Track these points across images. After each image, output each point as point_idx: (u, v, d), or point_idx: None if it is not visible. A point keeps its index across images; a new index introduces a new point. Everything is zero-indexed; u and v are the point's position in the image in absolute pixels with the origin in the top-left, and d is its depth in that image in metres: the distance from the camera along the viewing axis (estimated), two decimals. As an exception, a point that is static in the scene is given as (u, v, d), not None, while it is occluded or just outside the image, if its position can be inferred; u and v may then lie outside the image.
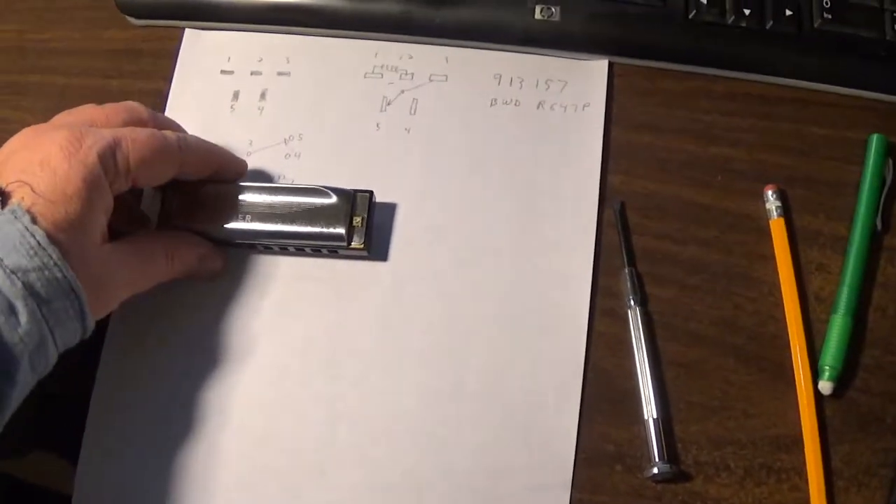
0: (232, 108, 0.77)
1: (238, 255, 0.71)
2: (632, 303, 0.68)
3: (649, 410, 0.65)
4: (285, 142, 0.75)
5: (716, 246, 0.71)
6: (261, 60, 0.78)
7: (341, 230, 0.67)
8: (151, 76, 0.78)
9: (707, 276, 0.70)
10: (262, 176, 0.73)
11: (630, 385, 0.66)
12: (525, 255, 0.70)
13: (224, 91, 0.77)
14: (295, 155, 0.75)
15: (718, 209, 0.72)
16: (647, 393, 0.66)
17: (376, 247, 0.70)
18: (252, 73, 0.78)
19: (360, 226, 0.67)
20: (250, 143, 0.75)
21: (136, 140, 0.59)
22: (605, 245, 0.71)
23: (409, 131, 0.75)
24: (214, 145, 0.69)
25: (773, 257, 0.69)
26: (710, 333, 0.68)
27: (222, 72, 0.78)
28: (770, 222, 0.70)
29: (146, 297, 0.64)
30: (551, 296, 0.69)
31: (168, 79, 0.77)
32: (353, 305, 0.69)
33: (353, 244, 0.67)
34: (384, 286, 0.70)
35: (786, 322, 0.67)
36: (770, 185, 0.71)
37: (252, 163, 0.73)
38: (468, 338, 0.68)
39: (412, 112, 0.76)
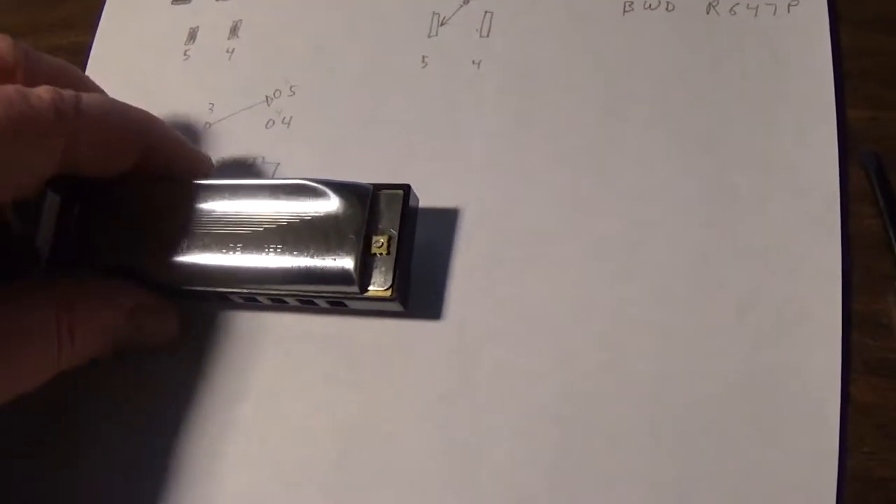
0: (185, 54, 0.52)
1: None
2: None
3: None
4: (267, 101, 0.48)
5: None
6: (234, -23, 0.53)
7: (346, 264, 0.39)
8: (74, 24, 0.57)
9: None
10: (226, 166, 0.47)
11: None
12: (714, 281, 0.41)
13: (175, 29, 0.53)
14: (283, 121, 0.48)
15: None
16: None
17: (419, 295, 0.42)
18: None
19: (386, 252, 0.39)
20: (210, 109, 0.49)
21: None
22: (856, 237, 0.41)
23: (479, 66, 0.46)
24: (145, 115, 0.43)
25: None
26: None
27: (174, 1, 0.54)
28: None
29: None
30: (763, 361, 0.39)
31: (96, 25, 0.56)
32: (380, 397, 0.42)
33: (373, 289, 0.39)
34: (435, 368, 0.41)
35: None
36: None
37: (212, 138, 0.48)
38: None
39: (483, 33, 0.47)
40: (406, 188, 0.40)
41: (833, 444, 0.36)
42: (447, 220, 0.43)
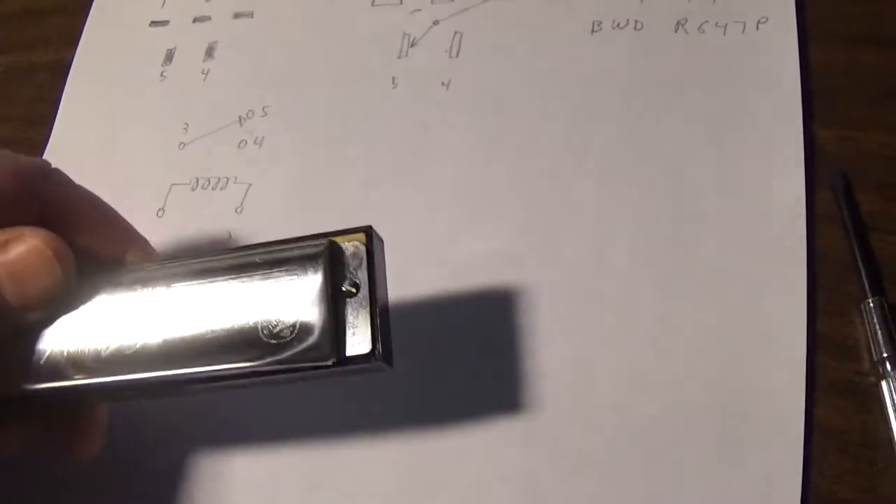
0: (162, 75, 0.52)
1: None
2: (887, 367, 0.37)
3: None
4: (240, 121, 0.48)
5: None
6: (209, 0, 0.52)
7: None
8: (52, 42, 0.56)
9: None
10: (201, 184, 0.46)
11: None
12: (677, 303, 0.39)
13: (153, 51, 0.53)
14: (255, 141, 0.47)
15: None
16: None
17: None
18: (195, 21, 0.53)
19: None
20: (185, 129, 0.49)
21: None
22: (822, 257, 0.40)
23: (448, 87, 0.45)
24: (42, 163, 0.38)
25: None
26: None
27: (153, 23, 0.54)
28: None
29: None
30: (726, 383, 0.38)
31: (74, 43, 0.55)
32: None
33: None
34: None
35: None
36: None
37: (187, 157, 0.47)
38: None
39: (453, 54, 0.47)
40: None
41: (797, 466, 0.36)
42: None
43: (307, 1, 0.50)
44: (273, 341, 0.32)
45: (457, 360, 0.39)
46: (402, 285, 0.39)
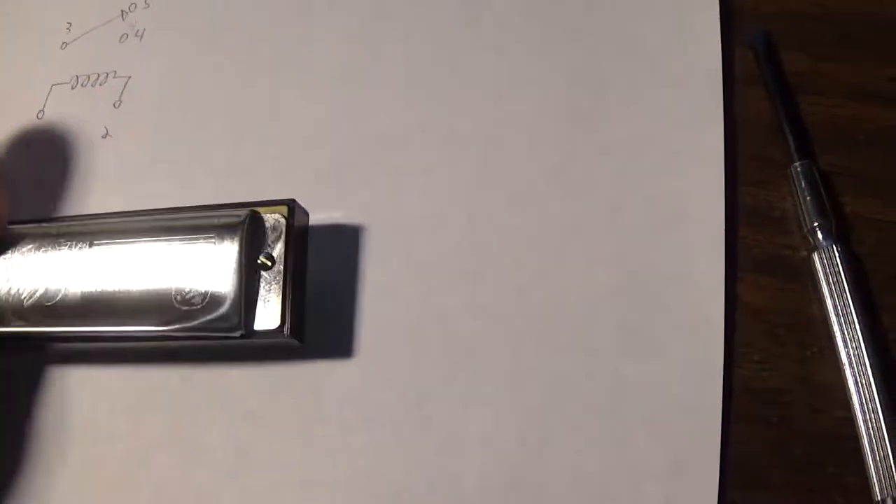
0: None
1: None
2: (819, 237, 0.32)
3: (888, 480, 0.29)
4: (122, 15, 0.43)
5: None
6: None
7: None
8: None
9: None
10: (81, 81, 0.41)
11: (829, 423, 0.31)
12: (581, 180, 0.35)
13: None
14: (136, 34, 0.42)
15: None
16: (877, 437, 0.30)
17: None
18: None
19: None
20: (68, 28, 0.43)
21: None
22: (744, 122, 0.35)
23: None
24: None
25: None
26: None
27: None
28: None
29: None
30: (638, 264, 0.33)
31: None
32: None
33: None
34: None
35: None
36: None
37: (68, 56, 0.42)
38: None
39: None
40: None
41: (717, 352, 0.31)
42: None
43: None
44: (184, 308, 0.32)
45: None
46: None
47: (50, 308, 0.33)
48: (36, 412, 0.35)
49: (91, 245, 0.33)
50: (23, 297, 0.33)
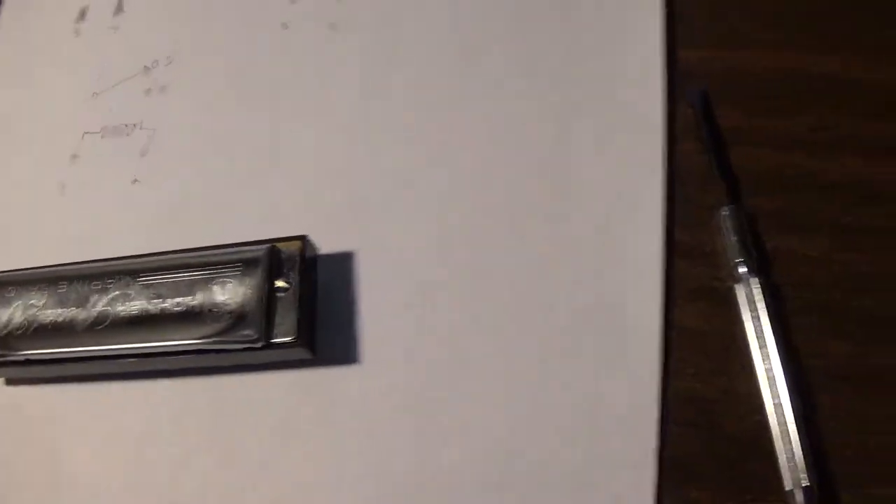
0: (76, 32, 0.51)
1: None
2: (742, 271, 0.37)
3: (795, 474, 0.34)
4: (146, 70, 0.48)
5: (889, 152, 0.39)
6: (120, -45, 0.53)
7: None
8: None
9: (880, 206, 0.38)
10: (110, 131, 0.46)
11: (749, 426, 0.36)
12: (538, 217, 0.40)
13: (66, 10, 0.52)
14: (159, 89, 0.47)
15: (888, 85, 0.40)
16: (786, 438, 0.34)
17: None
18: None
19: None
20: (98, 79, 0.48)
21: None
22: (683, 171, 0.40)
23: (335, 29, 0.46)
24: None
25: None
26: (896, 315, 0.37)
27: None
28: None
29: None
30: (585, 294, 0.39)
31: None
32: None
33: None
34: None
35: None
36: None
37: (98, 106, 0.47)
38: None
39: None
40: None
41: (654, 366, 0.36)
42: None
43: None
44: (216, 324, 0.38)
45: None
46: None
47: (102, 330, 0.39)
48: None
49: (136, 279, 0.40)
50: (77, 323, 0.39)
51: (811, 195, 0.38)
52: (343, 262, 0.41)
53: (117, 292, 0.39)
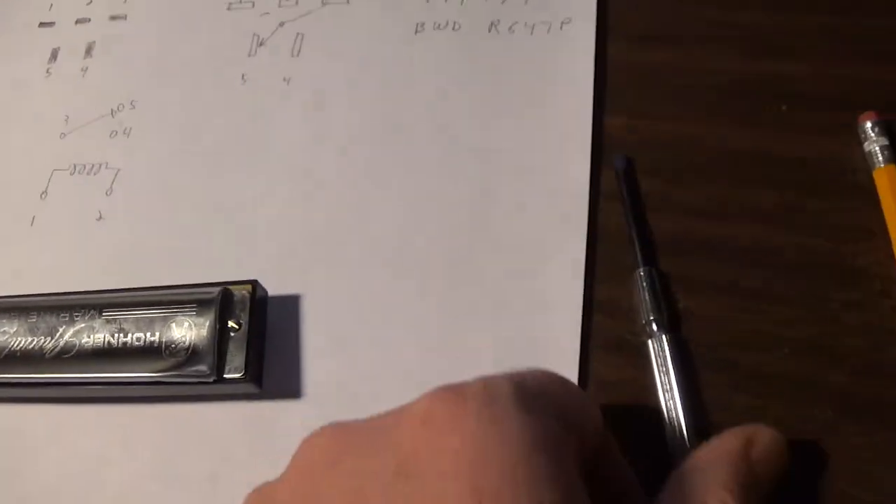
0: (48, 72, 0.54)
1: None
2: (654, 327, 0.40)
3: None
4: (112, 113, 0.51)
5: (787, 220, 0.42)
6: (90, 2, 0.55)
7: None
8: None
9: (777, 271, 0.41)
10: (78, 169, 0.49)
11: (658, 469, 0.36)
12: (473, 273, 0.43)
13: (39, 50, 0.55)
14: (123, 132, 0.50)
15: (786, 159, 0.43)
16: None
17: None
18: (77, 22, 0.55)
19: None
20: (66, 120, 0.51)
21: None
22: (604, 231, 0.43)
23: (288, 82, 0.49)
24: None
25: (883, 232, 0.40)
26: (790, 370, 0.39)
27: (41, 24, 0.56)
28: (873, 173, 0.41)
29: None
30: (512, 344, 0.41)
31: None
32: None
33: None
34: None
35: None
36: (868, 114, 0.42)
37: (67, 146, 0.50)
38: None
39: (294, 53, 0.50)
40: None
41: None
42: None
43: (172, 5, 0.52)
44: (172, 359, 0.41)
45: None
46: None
47: (68, 359, 0.42)
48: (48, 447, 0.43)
49: (101, 313, 0.42)
50: (45, 351, 0.42)
51: (715, 259, 0.41)
52: (290, 304, 0.44)
53: (83, 325, 0.42)
